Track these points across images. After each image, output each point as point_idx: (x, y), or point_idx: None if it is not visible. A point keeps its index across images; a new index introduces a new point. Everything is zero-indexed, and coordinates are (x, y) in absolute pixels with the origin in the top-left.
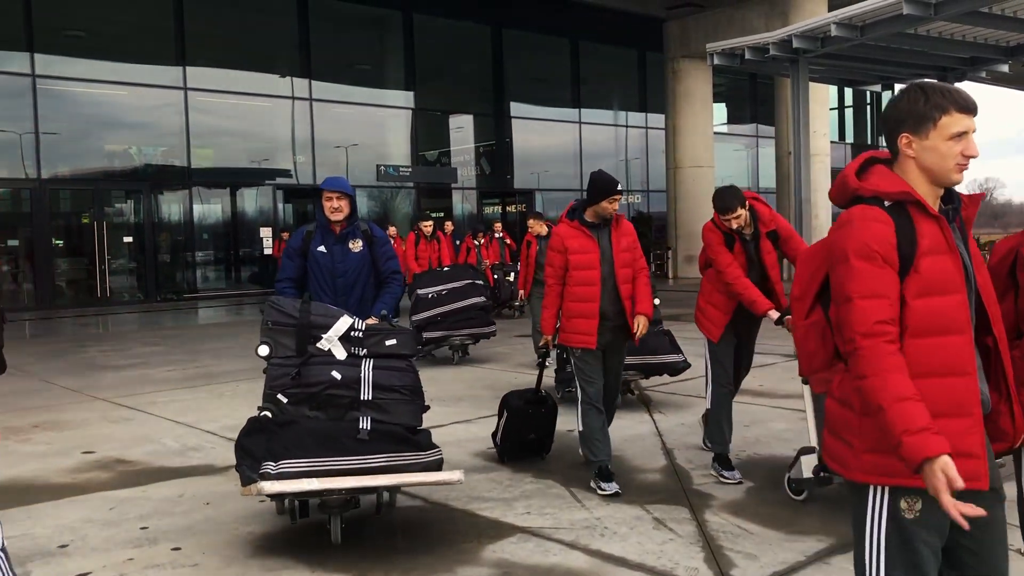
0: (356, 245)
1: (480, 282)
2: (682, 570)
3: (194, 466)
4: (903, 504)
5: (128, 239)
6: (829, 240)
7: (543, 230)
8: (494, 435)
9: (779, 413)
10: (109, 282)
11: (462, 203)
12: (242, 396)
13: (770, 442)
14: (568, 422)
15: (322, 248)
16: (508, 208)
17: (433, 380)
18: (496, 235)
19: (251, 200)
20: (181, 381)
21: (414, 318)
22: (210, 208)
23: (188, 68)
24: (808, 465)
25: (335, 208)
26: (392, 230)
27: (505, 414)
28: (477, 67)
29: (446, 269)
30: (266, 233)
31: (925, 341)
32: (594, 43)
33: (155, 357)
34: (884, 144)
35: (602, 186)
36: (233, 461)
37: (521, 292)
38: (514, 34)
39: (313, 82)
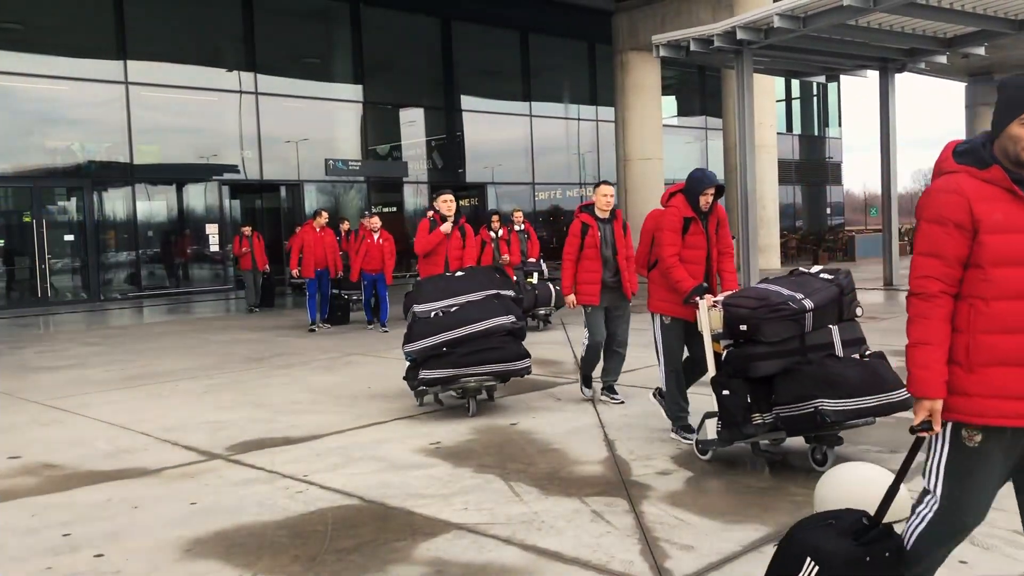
0: None
1: (509, 292)
2: (617, 563)
3: (124, 469)
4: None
5: (70, 237)
6: None
7: (605, 210)
8: None
9: None
10: (51, 281)
11: (415, 197)
12: (180, 396)
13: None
14: (508, 416)
15: None
16: (461, 202)
17: (377, 377)
18: (516, 226)
19: (197, 197)
20: (119, 382)
21: (408, 348)
22: (155, 205)
23: (129, 62)
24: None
25: None
26: (345, 224)
27: (813, 569)
28: (426, 60)
29: (459, 274)
30: (212, 230)
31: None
32: (543, 36)
33: (94, 357)
34: (830, 135)
35: None
36: (167, 462)
37: (572, 299)
38: (463, 27)
39: (259, 76)
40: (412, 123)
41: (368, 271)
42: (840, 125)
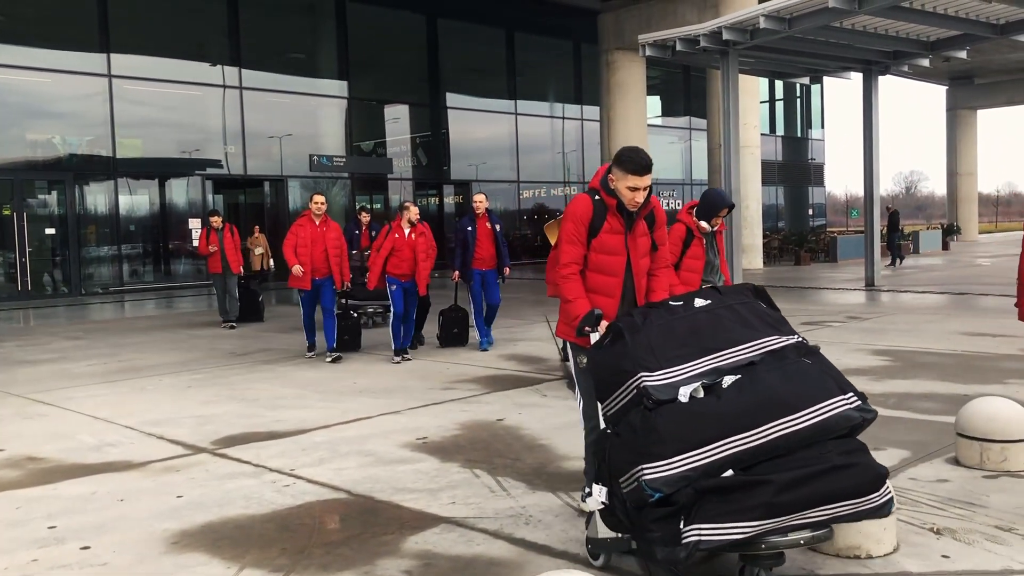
0: None
1: (794, 338)
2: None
3: (110, 462)
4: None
5: (51, 231)
6: None
7: None
8: None
9: None
10: (31, 275)
11: (400, 194)
12: (164, 390)
13: None
14: (494, 412)
15: None
16: (445, 199)
17: (363, 372)
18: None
19: (180, 191)
20: (102, 375)
21: (656, 473)
22: (137, 199)
23: (113, 55)
24: None
25: None
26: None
27: None
28: (412, 56)
29: (700, 304)
30: (195, 224)
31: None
32: (529, 34)
33: (76, 351)
34: (812, 136)
35: None
36: (152, 455)
37: None
38: (449, 23)
39: (243, 70)
40: (397, 120)
41: (397, 276)
42: (823, 127)
